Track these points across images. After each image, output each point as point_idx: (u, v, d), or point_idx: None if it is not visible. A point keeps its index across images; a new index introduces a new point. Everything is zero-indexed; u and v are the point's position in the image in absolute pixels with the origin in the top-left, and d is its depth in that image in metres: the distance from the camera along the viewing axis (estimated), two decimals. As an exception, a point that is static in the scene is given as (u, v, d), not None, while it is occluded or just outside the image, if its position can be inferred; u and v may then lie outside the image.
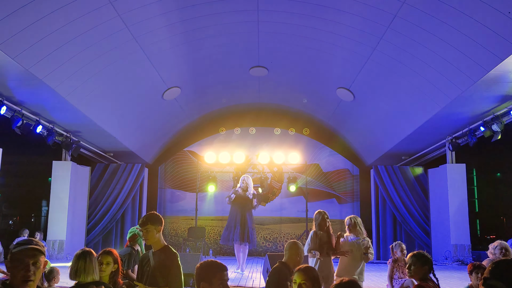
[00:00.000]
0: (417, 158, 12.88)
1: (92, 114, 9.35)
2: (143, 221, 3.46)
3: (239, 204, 8.31)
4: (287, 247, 4.16)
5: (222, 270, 2.62)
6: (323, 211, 5.37)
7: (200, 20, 7.98)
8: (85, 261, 3.19)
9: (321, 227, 5.27)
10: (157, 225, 3.46)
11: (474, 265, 4.08)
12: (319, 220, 5.29)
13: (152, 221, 3.44)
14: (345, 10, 7.36)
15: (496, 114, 8.66)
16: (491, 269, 1.97)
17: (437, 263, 11.32)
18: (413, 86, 8.62)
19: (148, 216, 3.49)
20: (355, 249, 5.21)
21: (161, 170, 14.15)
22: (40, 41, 6.43)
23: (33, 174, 19.79)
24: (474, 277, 3.98)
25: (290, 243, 4.20)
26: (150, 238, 3.44)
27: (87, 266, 3.17)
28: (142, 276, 3.48)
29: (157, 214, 3.54)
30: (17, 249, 2.06)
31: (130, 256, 5.25)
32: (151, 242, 3.47)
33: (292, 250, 4.11)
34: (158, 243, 3.45)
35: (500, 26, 5.81)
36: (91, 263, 3.21)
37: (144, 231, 3.45)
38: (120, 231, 12.80)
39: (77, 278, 3.15)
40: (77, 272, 3.15)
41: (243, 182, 8.41)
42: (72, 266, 3.24)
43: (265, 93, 12.36)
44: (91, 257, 3.25)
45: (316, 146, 14.10)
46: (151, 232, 3.43)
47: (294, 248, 4.12)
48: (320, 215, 5.31)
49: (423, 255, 3.48)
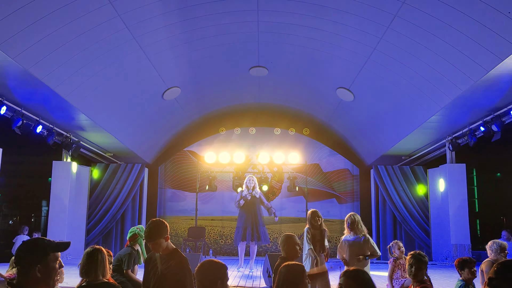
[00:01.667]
0: (417, 158, 12.88)
1: (92, 114, 9.35)
2: (151, 236, 3.20)
3: (247, 204, 8.48)
4: (283, 242, 4.11)
5: (225, 268, 2.62)
6: (314, 210, 5.45)
7: (200, 20, 7.97)
8: (96, 258, 3.12)
9: (313, 225, 5.32)
10: (166, 235, 3.24)
11: (464, 260, 4.07)
12: (309, 219, 5.39)
13: (161, 234, 3.22)
14: (345, 10, 7.36)
15: (496, 114, 8.66)
16: (496, 269, 1.97)
17: (437, 263, 11.32)
18: (413, 86, 8.62)
19: (155, 229, 3.23)
20: (357, 248, 5.20)
21: (161, 170, 14.15)
22: (40, 41, 6.43)
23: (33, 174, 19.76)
24: (467, 271, 3.98)
25: (284, 237, 4.14)
26: (159, 249, 3.22)
27: (98, 264, 3.10)
28: (148, 279, 3.28)
29: (162, 222, 3.30)
30: (52, 253, 2.03)
31: (130, 256, 5.24)
32: (161, 251, 3.26)
33: (289, 243, 4.06)
34: (167, 249, 3.26)
35: (500, 26, 5.80)
36: (103, 261, 3.15)
37: (153, 245, 3.22)
38: (120, 231, 12.79)
39: (87, 276, 3.08)
40: (88, 270, 3.07)
41: (251, 181, 8.54)
42: (82, 264, 3.19)
43: (265, 93, 12.36)
44: (102, 255, 3.21)
45: (316, 146, 14.10)
46: (161, 244, 3.21)
47: (289, 241, 4.07)
48: (311, 214, 5.40)
49: (423, 257, 3.53)
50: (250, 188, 8.53)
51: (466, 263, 4.04)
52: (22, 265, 1.99)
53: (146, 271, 3.35)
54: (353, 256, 5.18)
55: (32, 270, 1.96)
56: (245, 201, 8.49)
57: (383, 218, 12.85)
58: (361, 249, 5.18)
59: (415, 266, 3.51)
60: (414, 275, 3.46)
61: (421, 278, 3.47)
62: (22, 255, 2.00)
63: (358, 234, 5.26)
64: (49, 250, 2.03)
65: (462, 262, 4.06)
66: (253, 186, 8.55)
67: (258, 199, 8.59)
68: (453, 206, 11.17)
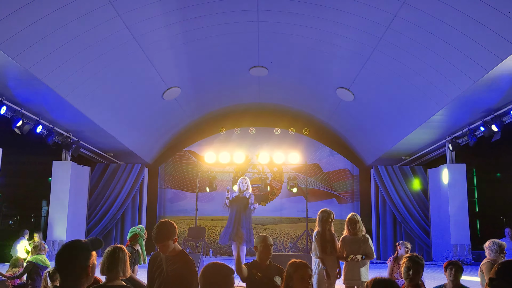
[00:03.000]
0: (417, 158, 12.88)
1: (92, 114, 9.35)
2: (159, 238, 3.16)
3: (236, 204, 8.49)
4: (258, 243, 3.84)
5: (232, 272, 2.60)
6: (329, 211, 5.35)
7: (200, 20, 7.97)
8: (118, 256, 3.12)
9: (324, 225, 5.26)
10: (174, 237, 3.22)
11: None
12: (325, 218, 5.26)
13: (169, 236, 3.20)
14: (345, 10, 7.36)
15: (496, 114, 8.66)
16: (497, 269, 1.97)
17: (437, 263, 11.32)
18: (413, 86, 8.62)
19: (164, 231, 3.19)
20: (356, 248, 5.20)
21: (161, 170, 14.15)
22: (40, 41, 6.43)
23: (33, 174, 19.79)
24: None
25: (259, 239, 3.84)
26: (167, 250, 3.19)
27: (119, 261, 3.10)
28: (152, 279, 3.25)
29: (171, 224, 3.26)
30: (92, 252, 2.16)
31: (131, 256, 5.24)
32: (168, 253, 3.22)
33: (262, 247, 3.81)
34: (174, 250, 3.24)
35: (500, 26, 5.80)
36: (124, 259, 3.15)
37: (161, 246, 3.18)
38: (120, 231, 12.79)
39: (108, 274, 3.07)
40: (109, 267, 3.06)
41: (244, 184, 8.52)
42: (103, 261, 3.18)
43: (265, 93, 12.36)
44: (124, 253, 3.20)
45: (316, 146, 14.10)
46: (169, 246, 3.18)
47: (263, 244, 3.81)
48: (327, 214, 5.29)
49: (420, 260, 3.49)
50: (243, 190, 8.53)
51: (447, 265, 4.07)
52: (71, 269, 2.10)
53: (150, 270, 3.32)
54: (351, 255, 5.19)
55: (84, 271, 2.10)
56: (228, 200, 8.55)
57: (383, 218, 12.86)
58: (360, 249, 5.18)
59: (412, 269, 3.44)
60: (411, 278, 3.40)
61: (417, 282, 3.42)
62: (70, 258, 2.12)
63: (358, 234, 5.26)
64: (90, 249, 2.17)
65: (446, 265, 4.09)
66: (246, 188, 8.55)
67: (248, 199, 8.56)
68: (453, 206, 11.17)
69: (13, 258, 6.56)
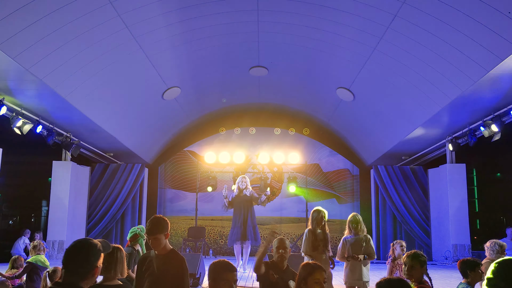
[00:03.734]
0: (417, 158, 12.88)
1: (92, 114, 9.34)
2: (152, 230, 3.19)
3: (238, 204, 8.46)
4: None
5: (230, 270, 2.61)
6: (321, 209, 5.37)
7: (200, 20, 7.97)
8: (116, 256, 3.13)
9: (318, 224, 5.28)
10: (166, 232, 3.24)
11: (474, 261, 3.78)
12: (317, 218, 5.29)
13: (162, 229, 3.21)
14: (345, 10, 7.36)
15: (496, 114, 8.66)
16: (494, 269, 1.97)
17: (437, 263, 11.32)
18: (413, 86, 8.62)
19: (157, 224, 3.23)
20: (358, 248, 5.20)
21: (161, 170, 14.15)
22: (40, 41, 6.43)
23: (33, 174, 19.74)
24: (478, 273, 3.70)
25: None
26: (158, 246, 3.21)
27: (117, 261, 3.12)
28: (141, 279, 3.25)
29: (164, 219, 3.29)
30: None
31: (131, 256, 5.24)
32: (158, 250, 3.24)
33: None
34: (164, 248, 3.24)
35: (500, 26, 5.80)
36: (121, 259, 3.17)
37: (152, 240, 3.20)
38: (120, 231, 12.79)
39: (106, 273, 3.08)
40: (107, 267, 3.06)
41: (243, 183, 8.51)
42: (102, 261, 3.20)
43: (265, 93, 12.36)
44: (121, 253, 3.22)
45: (316, 146, 14.10)
46: (161, 240, 3.20)
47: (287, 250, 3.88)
48: (319, 213, 5.32)
49: (421, 256, 3.46)
50: (242, 189, 8.51)
51: (476, 264, 3.74)
52: (79, 265, 2.15)
53: (139, 271, 3.32)
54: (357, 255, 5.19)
55: (92, 270, 2.17)
56: (226, 200, 8.55)
57: (383, 218, 12.85)
58: (361, 249, 5.18)
59: (413, 267, 3.42)
60: (411, 275, 3.40)
61: (419, 278, 3.40)
62: (81, 255, 2.17)
63: (359, 234, 5.26)
64: (101, 250, 2.27)
65: (473, 263, 3.75)
66: (245, 187, 8.52)
67: (250, 197, 8.54)
68: (453, 206, 11.17)
69: (13, 258, 6.55)
